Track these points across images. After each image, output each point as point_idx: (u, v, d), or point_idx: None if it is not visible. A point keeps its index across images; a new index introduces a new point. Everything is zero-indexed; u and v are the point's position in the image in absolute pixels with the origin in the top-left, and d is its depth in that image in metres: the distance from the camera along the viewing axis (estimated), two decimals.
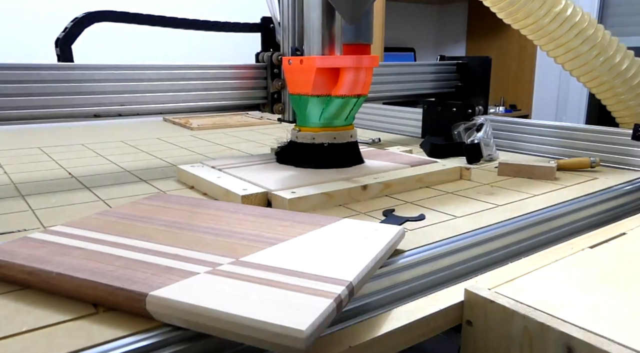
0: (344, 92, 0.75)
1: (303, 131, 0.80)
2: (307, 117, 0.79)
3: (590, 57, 0.94)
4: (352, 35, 0.77)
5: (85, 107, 0.79)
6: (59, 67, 0.76)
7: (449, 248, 0.54)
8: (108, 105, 0.80)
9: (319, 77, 0.75)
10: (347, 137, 0.81)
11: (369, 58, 0.76)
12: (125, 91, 0.81)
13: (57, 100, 0.76)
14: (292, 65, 0.79)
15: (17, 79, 0.73)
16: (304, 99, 0.78)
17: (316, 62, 0.75)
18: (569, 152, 0.97)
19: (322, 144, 0.79)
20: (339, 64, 0.75)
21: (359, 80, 0.75)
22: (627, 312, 0.42)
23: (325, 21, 0.76)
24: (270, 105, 0.92)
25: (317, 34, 0.77)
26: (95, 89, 0.79)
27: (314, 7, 0.77)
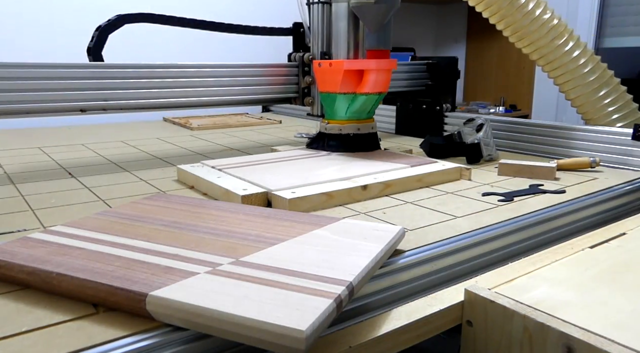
0: (368, 90, 0.88)
1: (331, 123, 0.94)
2: (335, 111, 0.93)
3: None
4: (374, 42, 0.91)
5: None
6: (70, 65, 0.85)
7: (449, 248, 0.54)
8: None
9: (346, 77, 0.88)
10: (369, 129, 0.95)
11: (388, 61, 0.90)
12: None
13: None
14: (322, 67, 0.92)
15: (9, 76, 0.80)
16: (332, 96, 0.91)
17: (344, 65, 0.88)
18: (569, 152, 0.97)
19: (349, 134, 0.93)
20: (364, 66, 0.88)
21: (380, 79, 0.88)
22: (627, 312, 0.42)
23: (351, 29, 0.91)
24: (301, 98, 1.06)
25: (343, 41, 0.92)
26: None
27: (341, 18, 0.91)
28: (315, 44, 0.99)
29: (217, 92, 0.98)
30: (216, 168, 0.80)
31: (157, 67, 0.91)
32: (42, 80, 0.82)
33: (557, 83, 1.01)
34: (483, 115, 1.05)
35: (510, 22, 0.96)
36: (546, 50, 0.97)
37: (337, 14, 0.92)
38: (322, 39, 0.97)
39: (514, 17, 0.95)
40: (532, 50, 0.99)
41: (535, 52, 0.99)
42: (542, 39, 0.96)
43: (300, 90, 1.06)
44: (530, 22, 0.94)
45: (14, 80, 0.80)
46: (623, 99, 1.00)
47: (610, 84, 0.99)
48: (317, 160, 0.86)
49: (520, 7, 0.94)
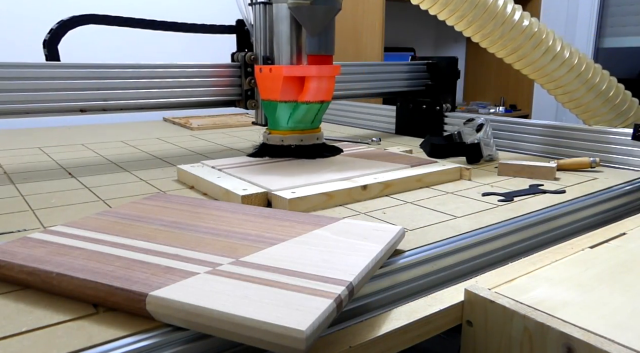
0: (309, 99, 0.82)
1: (273, 134, 0.88)
2: (276, 121, 0.86)
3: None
4: (315, 47, 0.83)
5: (70, 102, 0.86)
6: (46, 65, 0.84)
7: (449, 248, 0.54)
8: (93, 101, 0.88)
9: (286, 84, 0.82)
10: (314, 139, 0.88)
11: (330, 67, 0.84)
12: (108, 88, 0.89)
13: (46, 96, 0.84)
14: (262, 73, 0.85)
15: (9, 76, 0.80)
16: (274, 104, 0.84)
17: (283, 71, 0.82)
18: (569, 152, 0.97)
19: (290, 146, 0.87)
20: (304, 73, 0.82)
21: (322, 87, 0.82)
22: (627, 312, 0.42)
23: (293, 33, 0.84)
24: (244, 101, 0.99)
25: (285, 44, 0.85)
26: (80, 86, 0.86)
27: (282, 20, 0.84)
28: (258, 47, 0.92)
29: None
30: (216, 168, 0.80)
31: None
32: (42, 80, 0.82)
33: (546, 88, 1.01)
34: (483, 115, 1.05)
35: (480, 28, 0.93)
36: (530, 59, 0.95)
37: (277, 15, 0.84)
38: (265, 43, 0.90)
39: (487, 25, 0.92)
40: (515, 60, 0.97)
41: (519, 62, 0.97)
42: (523, 47, 0.93)
43: (243, 93, 0.99)
44: (509, 30, 0.92)
45: (13, 80, 0.80)
46: (624, 101, 1.00)
47: (607, 86, 0.98)
48: (317, 161, 0.86)
49: (493, 14, 0.90)
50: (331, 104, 1.57)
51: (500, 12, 0.90)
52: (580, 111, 1.00)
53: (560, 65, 0.93)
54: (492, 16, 0.90)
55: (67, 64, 0.85)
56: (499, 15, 0.90)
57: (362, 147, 0.99)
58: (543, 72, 0.95)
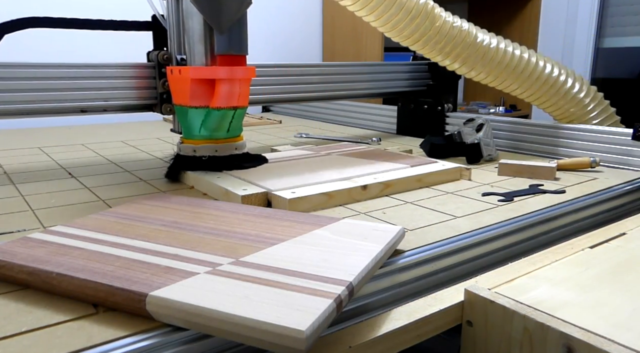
0: (220, 104, 0.74)
1: (185, 143, 0.79)
2: (189, 128, 0.78)
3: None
4: (225, 46, 0.73)
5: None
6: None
7: (449, 248, 0.54)
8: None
9: (196, 88, 0.74)
10: (231, 149, 0.79)
11: (242, 69, 0.74)
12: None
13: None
14: (173, 75, 0.78)
15: (9, 76, 0.78)
16: (184, 109, 0.77)
17: (190, 73, 0.74)
18: (569, 152, 0.97)
19: (202, 157, 0.78)
20: (213, 75, 0.74)
21: (234, 91, 0.74)
22: (627, 312, 0.42)
23: (206, 30, 0.74)
24: (159, 106, 0.88)
25: (197, 44, 0.75)
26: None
27: (192, 16, 0.74)
28: (172, 46, 0.82)
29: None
30: None
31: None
32: (42, 80, 0.80)
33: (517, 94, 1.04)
34: (483, 115, 1.05)
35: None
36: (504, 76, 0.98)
37: (188, 10, 0.74)
38: (178, 41, 0.81)
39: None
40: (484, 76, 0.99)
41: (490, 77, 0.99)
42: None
43: (159, 96, 0.88)
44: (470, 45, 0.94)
45: (14, 81, 0.78)
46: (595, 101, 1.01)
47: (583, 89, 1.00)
48: (317, 160, 0.86)
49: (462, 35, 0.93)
50: (332, 103, 1.58)
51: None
52: (550, 110, 1.03)
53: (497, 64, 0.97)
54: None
55: (69, 64, 0.82)
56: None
57: (362, 147, 0.99)
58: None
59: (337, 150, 0.95)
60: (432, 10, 0.92)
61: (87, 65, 0.84)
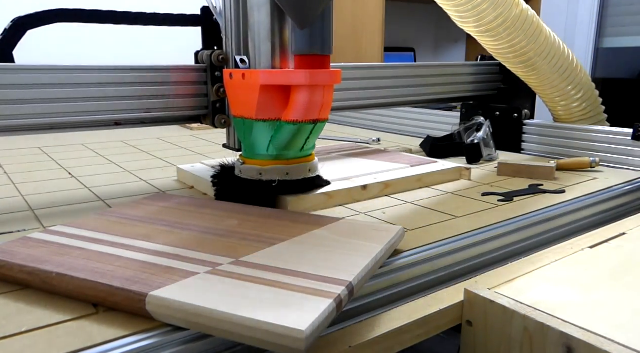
0: (296, 117, 0.59)
1: (248, 164, 0.64)
2: (252, 146, 0.64)
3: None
4: (305, 44, 0.58)
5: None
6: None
7: (449, 248, 0.54)
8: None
9: (265, 96, 0.59)
10: (304, 172, 0.65)
11: (327, 73, 0.59)
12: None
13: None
14: (233, 79, 0.63)
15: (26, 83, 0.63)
16: (249, 123, 0.62)
17: (260, 77, 0.59)
18: (569, 152, 0.97)
19: (271, 182, 0.63)
20: (289, 80, 0.59)
21: (314, 101, 0.59)
22: (627, 312, 0.42)
23: (276, 25, 0.61)
24: (211, 116, 0.73)
25: (264, 41, 0.62)
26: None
27: (260, 7, 0.61)
28: (229, 44, 0.68)
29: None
30: (216, 168, 0.80)
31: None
32: (66, 87, 0.65)
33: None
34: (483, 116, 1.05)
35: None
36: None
37: (253, 1, 0.62)
38: (238, 39, 0.66)
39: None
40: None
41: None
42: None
43: (210, 105, 0.73)
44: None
45: (31, 89, 0.63)
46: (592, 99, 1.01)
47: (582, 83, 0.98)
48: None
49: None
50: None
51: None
52: (560, 107, 1.01)
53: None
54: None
55: (100, 67, 0.67)
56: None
57: (362, 147, 0.99)
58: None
59: (337, 150, 0.95)
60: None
61: (123, 68, 0.68)
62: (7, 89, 0.62)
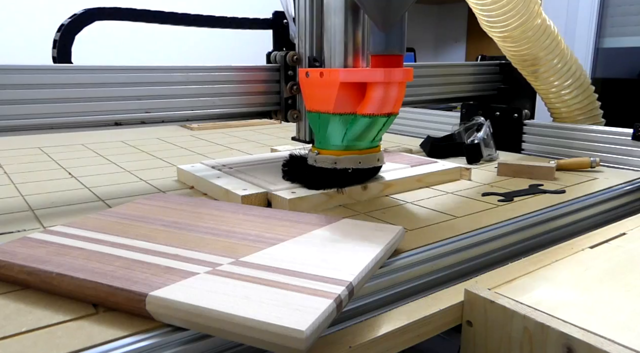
0: (372, 111, 0.65)
1: (323, 154, 0.70)
2: (327, 138, 0.69)
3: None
4: (381, 45, 0.64)
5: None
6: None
7: (449, 248, 0.54)
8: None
9: (343, 92, 0.65)
10: (374, 161, 0.71)
11: (401, 71, 0.64)
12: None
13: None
14: (310, 78, 0.69)
15: (22, 83, 0.65)
16: (324, 117, 0.68)
17: (339, 75, 0.65)
18: (569, 152, 0.97)
19: (346, 170, 0.69)
20: (367, 78, 0.64)
21: (389, 97, 0.64)
22: (627, 312, 0.42)
23: (350, 27, 0.68)
24: (284, 112, 0.80)
25: (339, 42, 0.68)
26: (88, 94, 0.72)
27: (336, 11, 0.67)
28: (302, 45, 0.76)
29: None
30: (216, 168, 0.80)
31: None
32: (67, 88, 0.69)
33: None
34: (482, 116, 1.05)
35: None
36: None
37: (329, 6, 0.68)
38: (311, 40, 0.74)
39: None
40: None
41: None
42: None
43: (283, 101, 0.80)
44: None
45: (30, 89, 0.66)
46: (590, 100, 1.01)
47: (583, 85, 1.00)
48: None
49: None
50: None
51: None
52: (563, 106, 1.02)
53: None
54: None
55: (102, 67, 0.69)
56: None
57: None
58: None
59: None
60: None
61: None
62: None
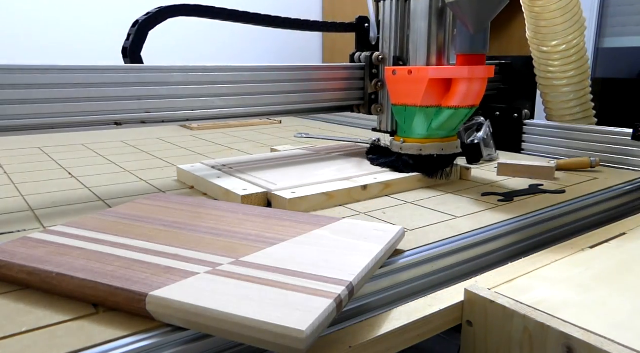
0: (456, 103, 0.74)
1: (409, 142, 0.80)
2: (412, 128, 0.78)
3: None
4: (467, 45, 0.73)
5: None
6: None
7: (449, 248, 0.54)
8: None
9: (430, 88, 0.74)
10: (454, 149, 0.80)
11: (483, 68, 0.73)
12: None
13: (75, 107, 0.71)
14: (397, 75, 0.78)
15: (30, 83, 0.65)
16: (411, 110, 0.77)
17: (429, 72, 0.74)
18: (569, 152, 0.97)
19: (431, 156, 0.78)
20: (454, 74, 0.73)
21: (472, 91, 0.73)
22: (627, 312, 0.42)
23: (434, 30, 0.77)
24: (367, 106, 0.91)
25: (423, 44, 0.78)
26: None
27: (422, 16, 0.77)
28: (387, 47, 0.85)
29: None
30: (216, 168, 0.80)
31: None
32: (67, 88, 0.69)
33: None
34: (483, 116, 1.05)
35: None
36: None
37: (416, 11, 0.78)
38: (396, 42, 0.84)
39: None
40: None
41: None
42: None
43: (367, 96, 0.90)
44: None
45: (32, 89, 0.66)
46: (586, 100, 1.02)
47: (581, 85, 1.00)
48: (317, 160, 0.86)
49: None
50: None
51: None
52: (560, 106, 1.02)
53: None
54: None
55: (101, 67, 0.68)
56: None
57: (362, 147, 0.99)
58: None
59: (337, 150, 0.95)
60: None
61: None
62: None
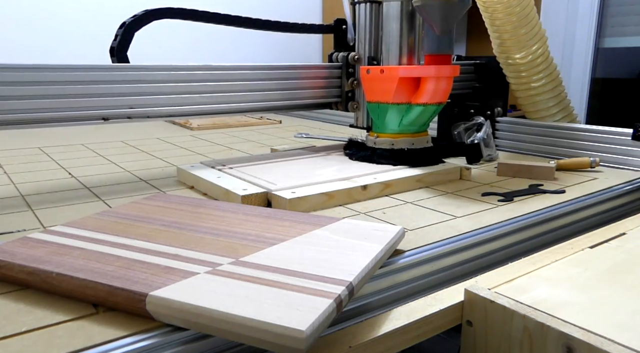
0: (425, 100, 0.79)
1: (382, 137, 0.85)
2: (385, 124, 0.83)
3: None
4: (434, 46, 0.79)
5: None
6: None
7: (449, 248, 0.54)
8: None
9: (400, 86, 0.79)
10: (424, 143, 0.85)
11: (449, 68, 0.79)
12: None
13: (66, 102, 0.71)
14: (370, 74, 0.82)
15: (20, 81, 0.67)
16: (384, 106, 0.82)
17: (399, 71, 0.78)
18: (569, 152, 0.97)
19: (402, 149, 0.83)
20: (422, 73, 0.78)
21: (439, 88, 0.79)
22: (627, 312, 0.42)
23: (405, 32, 0.82)
24: (344, 103, 0.96)
25: (395, 44, 0.83)
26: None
27: (393, 19, 0.82)
28: (362, 47, 0.90)
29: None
30: (216, 168, 0.80)
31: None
32: (58, 85, 0.70)
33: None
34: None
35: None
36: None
37: (388, 14, 0.83)
38: (370, 42, 0.89)
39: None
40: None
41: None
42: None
43: (344, 94, 0.95)
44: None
45: (25, 86, 0.68)
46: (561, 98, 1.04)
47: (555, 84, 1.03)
48: (317, 160, 0.86)
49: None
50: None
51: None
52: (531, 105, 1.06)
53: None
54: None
55: (88, 66, 0.71)
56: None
57: None
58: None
59: (338, 150, 0.95)
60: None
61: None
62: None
